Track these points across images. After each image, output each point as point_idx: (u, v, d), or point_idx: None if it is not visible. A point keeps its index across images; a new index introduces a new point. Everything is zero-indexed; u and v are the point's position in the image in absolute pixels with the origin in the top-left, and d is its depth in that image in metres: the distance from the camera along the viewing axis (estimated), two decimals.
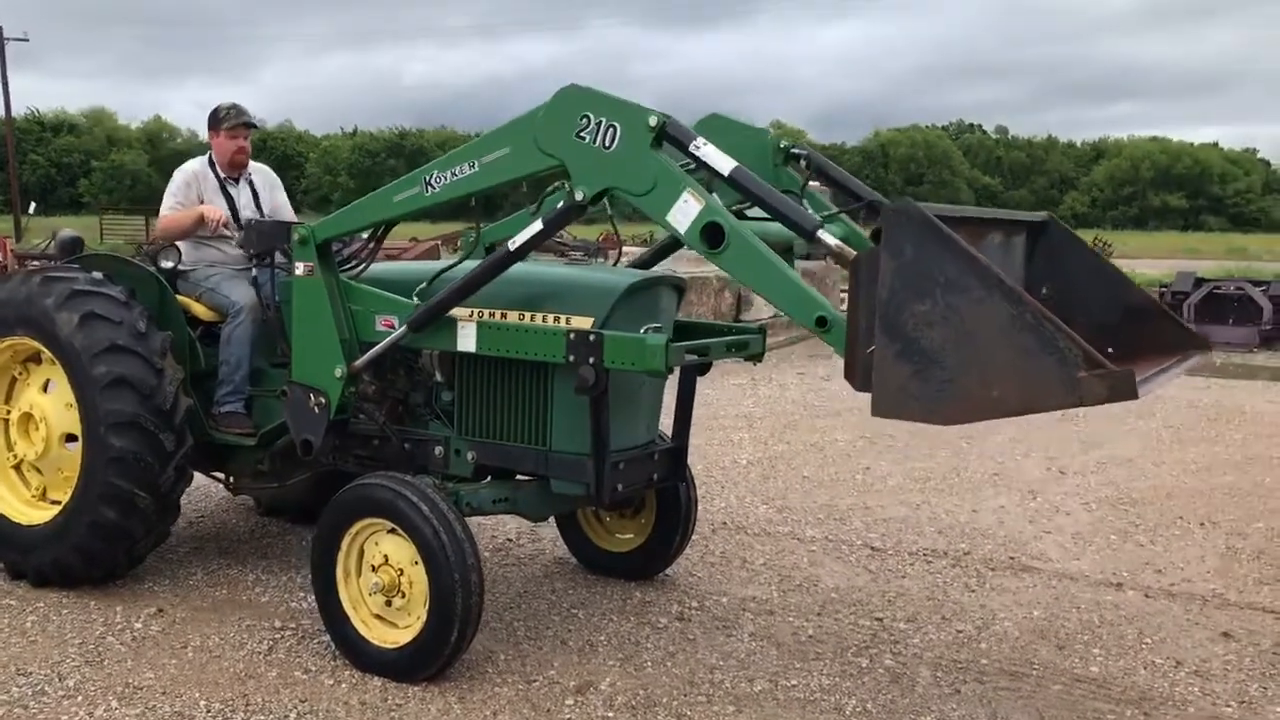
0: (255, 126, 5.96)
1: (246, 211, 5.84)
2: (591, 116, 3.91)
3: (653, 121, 3.82)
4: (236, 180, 5.89)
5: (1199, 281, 17.42)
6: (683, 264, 19.08)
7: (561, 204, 4.09)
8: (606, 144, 3.89)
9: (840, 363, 3.48)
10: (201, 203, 5.71)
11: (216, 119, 5.84)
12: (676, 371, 4.53)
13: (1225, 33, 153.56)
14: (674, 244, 5.40)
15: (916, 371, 3.13)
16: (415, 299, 4.59)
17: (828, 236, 3.62)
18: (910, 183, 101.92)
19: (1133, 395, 2.87)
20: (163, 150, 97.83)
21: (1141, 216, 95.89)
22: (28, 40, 50.38)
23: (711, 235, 3.69)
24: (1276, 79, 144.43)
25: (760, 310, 15.73)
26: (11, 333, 5.30)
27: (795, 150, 4.69)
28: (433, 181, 4.35)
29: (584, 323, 4.40)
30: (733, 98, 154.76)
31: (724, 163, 3.83)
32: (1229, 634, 5.14)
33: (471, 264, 5.39)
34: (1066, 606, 5.45)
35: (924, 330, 3.10)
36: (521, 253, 4.26)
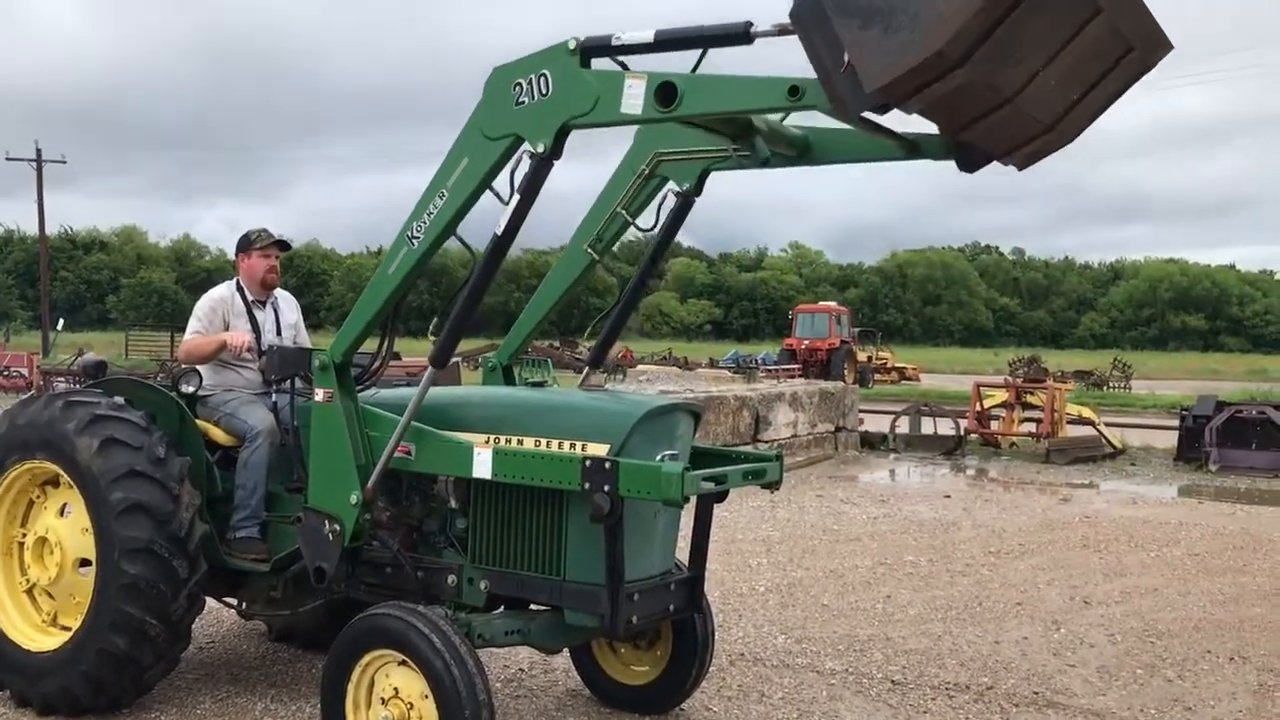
0: (288, 246, 6.08)
1: (269, 335, 5.91)
2: (522, 81, 4.04)
3: (571, 45, 3.94)
4: (264, 304, 5.98)
5: (1220, 405, 17.27)
6: (700, 383, 19.15)
7: (528, 167, 4.12)
8: (544, 91, 4.01)
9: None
10: (227, 327, 5.78)
11: (248, 241, 5.95)
12: (693, 499, 4.50)
13: (1233, 158, 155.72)
14: (616, 327, 5.45)
15: (885, 28, 3.16)
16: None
17: (762, 26, 3.67)
18: (928, 302, 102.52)
19: None
20: (190, 267, 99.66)
21: (1161, 337, 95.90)
22: (65, 162, 52.06)
23: (665, 94, 3.76)
24: None
25: (779, 430, 15.71)
26: (32, 456, 5.33)
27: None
28: (414, 233, 4.37)
29: (599, 449, 4.39)
30: (752, 217, 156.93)
31: (645, 34, 3.90)
32: None
33: (483, 389, 5.47)
34: None
35: None
36: (510, 234, 4.24)
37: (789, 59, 3.50)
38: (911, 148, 4.22)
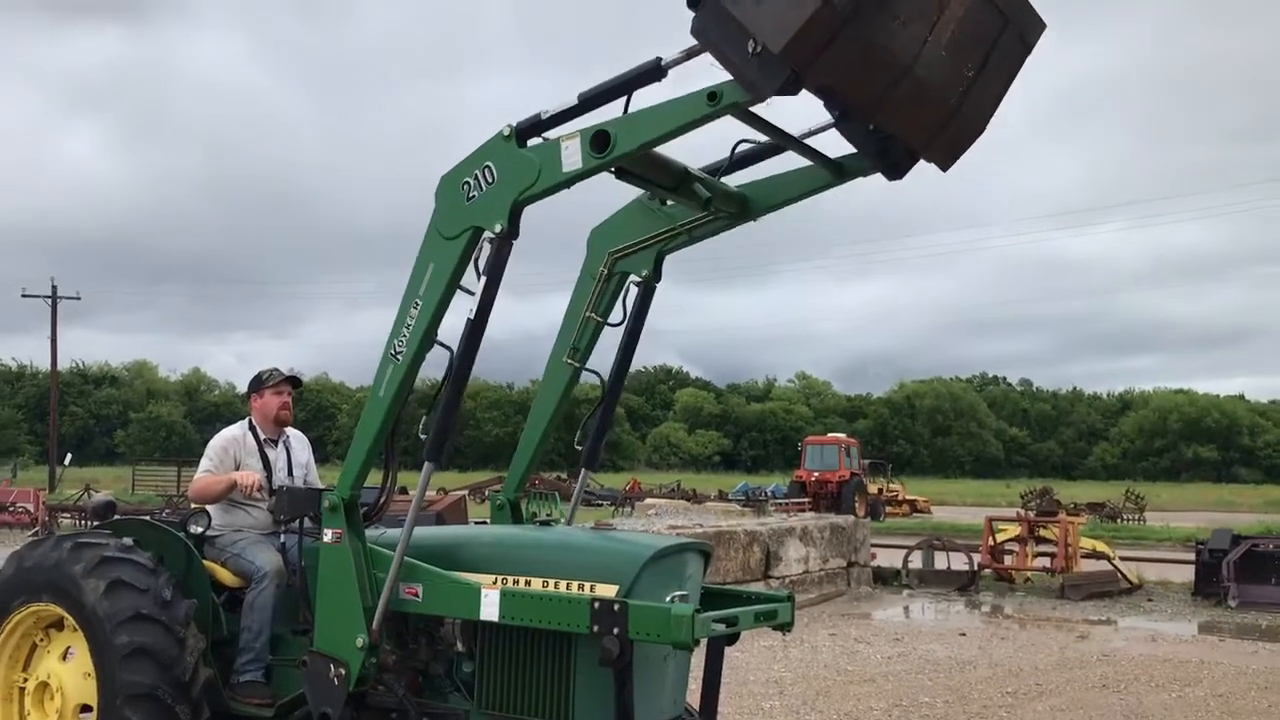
0: (300, 383, 6.14)
1: (281, 475, 5.91)
2: (469, 179, 4.25)
3: (506, 131, 4.17)
4: (276, 442, 6.00)
5: (1237, 538, 17.04)
6: (709, 517, 19.00)
7: (489, 250, 4.28)
8: (490, 179, 4.22)
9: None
10: (238, 467, 5.80)
11: (260, 381, 6.01)
12: (704, 641, 4.44)
13: (1230, 291, 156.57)
14: (605, 423, 5.55)
15: None
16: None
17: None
18: (938, 433, 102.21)
19: None
20: (199, 402, 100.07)
21: (1174, 468, 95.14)
22: (79, 299, 52.93)
23: (599, 141, 3.97)
24: None
25: (790, 565, 15.52)
26: (37, 599, 5.29)
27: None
28: (397, 349, 4.48)
29: (608, 591, 4.35)
30: (758, 350, 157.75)
31: (571, 99, 4.11)
32: None
33: (490, 529, 5.45)
34: None
35: None
36: (482, 316, 4.38)
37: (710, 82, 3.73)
38: (839, 170, 4.48)
